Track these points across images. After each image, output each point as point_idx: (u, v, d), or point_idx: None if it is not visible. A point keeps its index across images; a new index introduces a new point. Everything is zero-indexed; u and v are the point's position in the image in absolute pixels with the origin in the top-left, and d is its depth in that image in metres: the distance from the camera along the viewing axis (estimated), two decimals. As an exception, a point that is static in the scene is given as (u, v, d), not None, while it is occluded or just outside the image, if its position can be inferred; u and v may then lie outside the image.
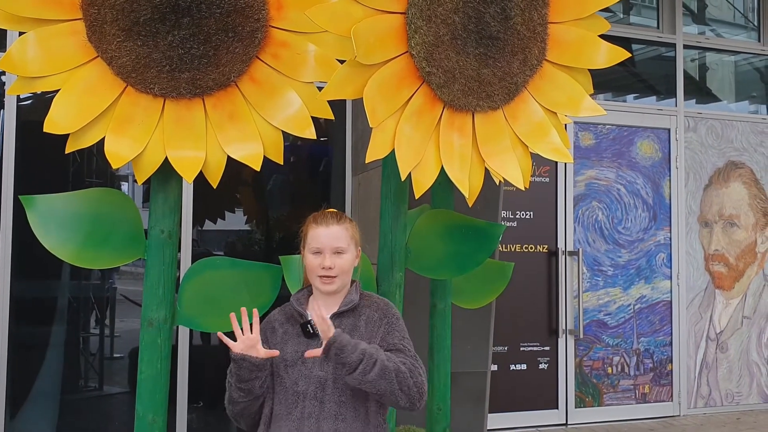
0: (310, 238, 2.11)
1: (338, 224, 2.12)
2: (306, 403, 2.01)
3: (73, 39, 2.34)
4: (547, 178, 5.45)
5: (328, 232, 2.10)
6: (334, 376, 2.01)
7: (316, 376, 2.01)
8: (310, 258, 2.10)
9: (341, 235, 2.11)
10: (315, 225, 2.12)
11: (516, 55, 2.69)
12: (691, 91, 6.11)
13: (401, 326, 2.12)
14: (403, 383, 1.96)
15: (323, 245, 2.08)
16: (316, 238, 2.10)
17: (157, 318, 2.56)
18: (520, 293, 5.09)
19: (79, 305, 5.07)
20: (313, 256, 2.09)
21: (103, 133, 2.36)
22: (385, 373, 1.93)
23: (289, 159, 5.45)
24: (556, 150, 2.79)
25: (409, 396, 1.97)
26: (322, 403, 2.00)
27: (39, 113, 2.40)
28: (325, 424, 1.99)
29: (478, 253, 3.13)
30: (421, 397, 1.99)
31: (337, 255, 2.09)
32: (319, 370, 2.01)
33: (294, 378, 2.02)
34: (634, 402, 5.62)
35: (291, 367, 2.04)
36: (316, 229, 2.11)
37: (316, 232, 2.11)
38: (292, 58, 2.48)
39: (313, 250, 2.10)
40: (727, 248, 5.99)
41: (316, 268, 2.08)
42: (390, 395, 1.96)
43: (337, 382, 2.01)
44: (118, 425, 4.78)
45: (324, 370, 2.01)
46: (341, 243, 2.10)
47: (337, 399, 2.01)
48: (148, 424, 2.55)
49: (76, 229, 2.52)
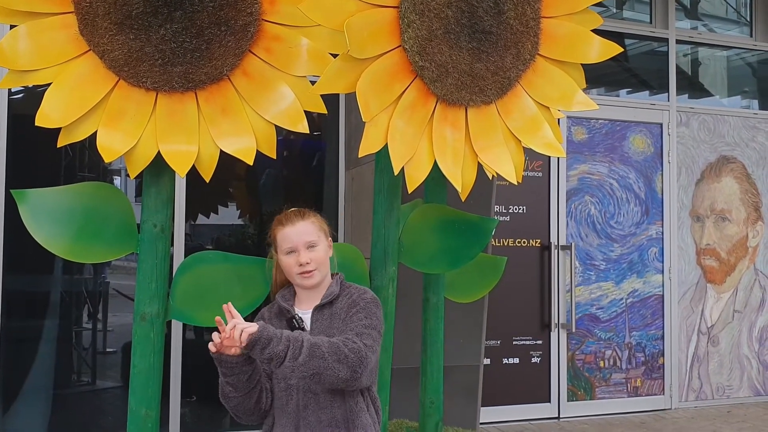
0: (281, 239, 2.16)
1: (303, 220, 2.17)
2: (300, 395, 2.05)
3: (65, 32, 2.33)
4: (539, 173, 5.46)
5: (296, 229, 2.15)
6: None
7: None
8: (285, 259, 2.15)
9: (309, 230, 2.16)
10: (281, 227, 2.17)
11: (509, 49, 2.69)
12: (683, 86, 6.13)
13: (369, 310, 2.09)
14: (338, 353, 1.92)
15: (295, 243, 2.13)
16: (287, 238, 2.15)
17: (149, 312, 2.56)
18: (513, 287, 5.10)
19: (71, 300, 5.06)
20: (287, 256, 2.14)
21: (95, 127, 2.35)
22: (315, 351, 1.90)
23: (283, 153, 5.44)
24: (548, 144, 2.80)
25: (348, 364, 1.92)
26: (316, 395, 2.04)
27: (31, 107, 2.39)
28: (323, 414, 2.03)
29: (471, 248, 3.14)
30: (361, 362, 1.93)
31: (311, 249, 2.13)
32: None
33: (285, 372, 2.03)
34: (626, 395, 5.65)
35: None
36: (283, 230, 2.16)
37: (284, 232, 2.16)
38: (285, 52, 2.47)
39: (287, 250, 2.14)
40: (718, 242, 6.02)
41: (293, 267, 2.13)
42: (327, 371, 1.91)
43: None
44: (111, 420, 4.78)
45: None
46: (311, 237, 2.15)
47: (329, 388, 2.03)
48: (141, 418, 2.56)
49: (68, 223, 2.51)
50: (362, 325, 2.03)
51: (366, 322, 2.05)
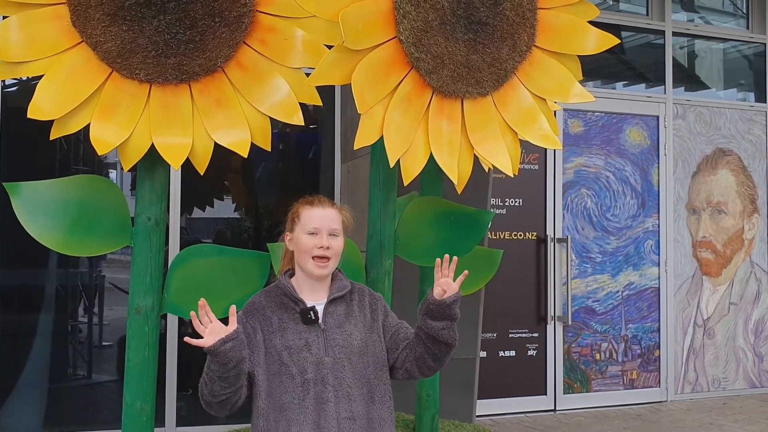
0: (305, 218, 2.08)
1: (333, 208, 2.12)
2: (318, 389, 1.98)
3: (57, 24, 2.31)
4: (536, 165, 5.45)
5: (325, 213, 2.08)
6: (340, 359, 2.01)
7: (327, 362, 2.00)
8: (305, 239, 2.06)
9: (336, 218, 2.10)
10: (310, 206, 2.10)
11: (505, 40, 2.68)
12: (679, 78, 6.12)
13: (389, 308, 2.22)
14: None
15: (320, 225, 2.06)
16: (313, 218, 2.07)
17: (144, 305, 2.55)
18: (509, 280, 5.10)
19: (67, 293, 5.05)
20: (308, 236, 2.06)
21: (89, 120, 2.33)
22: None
23: (278, 146, 5.42)
24: (545, 137, 2.79)
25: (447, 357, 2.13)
26: (335, 388, 1.99)
27: (24, 99, 2.37)
28: (342, 407, 1.99)
29: (467, 241, 3.13)
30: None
31: (333, 237, 2.07)
32: (326, 355, 2.00)
33: (301, 365, 1.99)
34: (622, 388, 5.65)
35: (296, 354, 2.00)
36: (311, 210, 2.08)
37: (311, 212, 2.08)
38: (280, 44, 2.46)
39: (310, 230, 2.06)
40: (714, 235, 6.02)
41: (311, 249, 2.05)
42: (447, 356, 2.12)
43: (343, 364, 2.01)
44: (106, 413, 4.77)
45: (330, 355, 2.01)
46: (336, 225, 2.09)
47: (348, 381, 2.00)
48: (137, 412, 2.55)
49: (62, 216, 2.50)
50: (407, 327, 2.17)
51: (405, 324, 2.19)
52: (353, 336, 2.05)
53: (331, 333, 2.03)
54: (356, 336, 2.05)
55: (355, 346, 2.03)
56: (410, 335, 2.12)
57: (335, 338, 2.02)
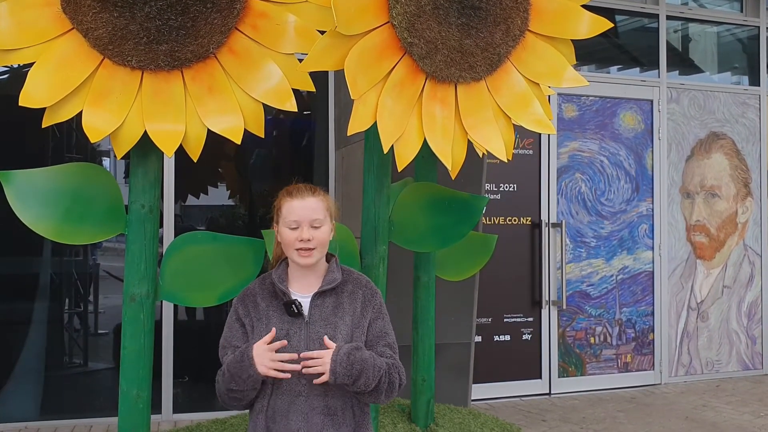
0: (286, 211, 2.06)
1: (313, 196, 2.08)
2: (293, 381, 1.99)
3: (48, 10, 2.30)
4: (530, 150, 5.45)
5: (304, 204, 2.05)
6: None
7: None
8: (286, 232, 2.05)
9: (317, 207, 2.06)
10: (290, 198, 2.07)
11: (498, 25, 2.67)
12: (673, 62, 6.11)
13: (384, 309, 2.13)
14: (392, 386, 2.03)
15: (300, 218, 2.04)
16: (292, 211, 2.05)
17: (139, 293, 2.55)
18: (504, 265, 5.11)
19: (62, 282, 5.04)
20: (289, 230, 2.05)
21: (81, 107, 2.32)
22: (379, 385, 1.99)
23: (272, 133, 5.41)
24: (538, 121, 2.79)
25: (389, 396, 2.04)
26: (310, 382, 1.98)
27: (15, 87, 2.36)
28: (316, 401, 1.99)
29: (461, 226, 3.13)
30: (395, 393, 2.07)
31: (315, 227, 2.04)
32: (306, 348, 2.00)
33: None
34: (617, 371, 5.69)
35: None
36: (291, 202, 2.06)
37: (291, 205, 2.06)
38: (272, 29, 2.44)
39: (290, 224, 2.05)
40: (708, 219, 6.04)
41: (293, 242, 2.04)
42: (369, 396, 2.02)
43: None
44: (102, 401, 4.78)
45: (311, 348, 2.00)
46: (318, 215, 2.06)
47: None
48: (133, 399, 2.56)
49: (55, 204, 2.49)
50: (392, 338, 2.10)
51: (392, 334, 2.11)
52: (338, 329, 2.02)
53: (314, 326, 2.01)
54: (342, 329, 2.02)
55: (339, 339, 2.00)
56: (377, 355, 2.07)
57: (318, 332, 2.00)
